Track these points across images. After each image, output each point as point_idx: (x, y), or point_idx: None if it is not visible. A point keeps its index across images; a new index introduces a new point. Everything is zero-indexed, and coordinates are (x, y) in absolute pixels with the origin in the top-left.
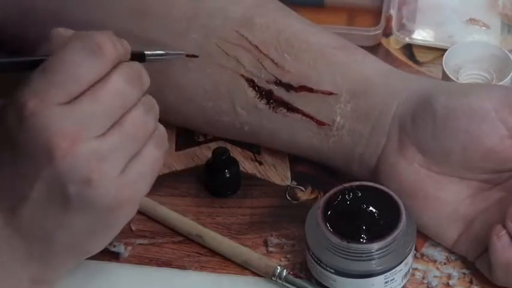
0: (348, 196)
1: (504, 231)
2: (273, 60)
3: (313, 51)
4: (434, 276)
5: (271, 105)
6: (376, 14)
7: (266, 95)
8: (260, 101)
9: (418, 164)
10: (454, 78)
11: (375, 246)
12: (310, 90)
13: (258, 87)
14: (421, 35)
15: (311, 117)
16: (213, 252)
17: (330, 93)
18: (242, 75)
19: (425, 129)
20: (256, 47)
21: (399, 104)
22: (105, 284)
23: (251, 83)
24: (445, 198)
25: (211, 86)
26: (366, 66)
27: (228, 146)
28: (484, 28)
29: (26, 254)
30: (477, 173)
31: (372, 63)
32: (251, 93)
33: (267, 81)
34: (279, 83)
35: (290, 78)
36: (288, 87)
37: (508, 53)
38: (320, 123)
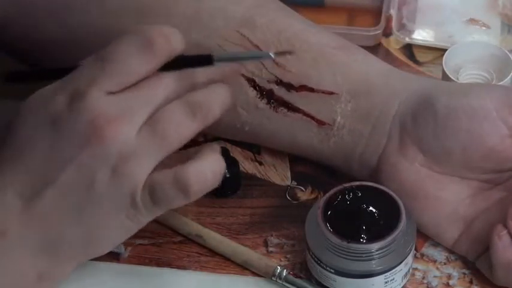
0: (348, 196)
1: (505, 231)
2: (273, 60)
3: (313, 51)
4: (434, 276)
5: (272, 105)
6: (376, 14)
7: (267, 95)
8: (261, 100)
9: (419, 163)
10: (454, 78)
11: (375, 246)
12: (311, 90)
13: (259, 86)
14: (421, 35)
15: (312, 117)
16: (213, 252)
17: (331, 93)
18: (242, 75)
19: (426, 128)
20: (257, 46)
21: (400, 104)
22: (105, 284)
23: (252, 82)
24: (445, 198)
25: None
26: (367, 66)
27: (228, 146)
28: (484, 28)
29: (38, 244)
30: (478, 173)
31: (372, 63)
32: (252, 92)
33: (267, 81)
34: (279, 82)
35: (291, 78)
36: (289, 86)
37: (508, 53)
38: (321, 122)
